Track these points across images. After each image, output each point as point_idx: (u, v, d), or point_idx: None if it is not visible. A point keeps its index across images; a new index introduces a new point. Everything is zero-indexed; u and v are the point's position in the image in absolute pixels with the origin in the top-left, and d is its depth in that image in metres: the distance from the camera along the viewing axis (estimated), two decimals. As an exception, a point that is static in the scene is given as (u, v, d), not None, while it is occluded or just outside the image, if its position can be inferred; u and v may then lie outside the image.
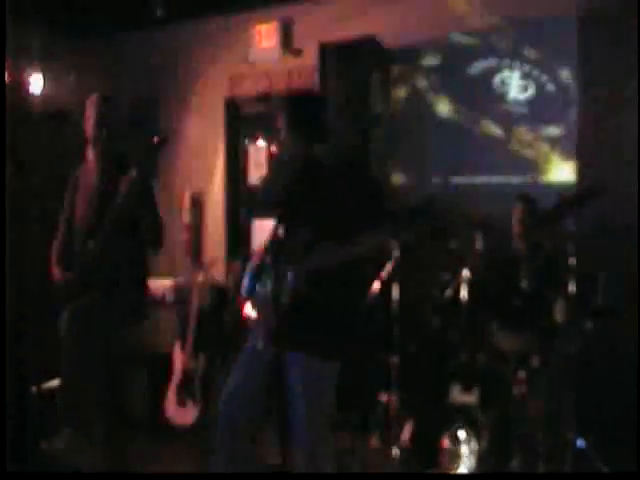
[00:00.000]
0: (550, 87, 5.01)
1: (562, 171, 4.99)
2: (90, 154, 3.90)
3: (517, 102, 5.11)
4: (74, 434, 3.70)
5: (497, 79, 5.14)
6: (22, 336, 4.79)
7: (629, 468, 3.75)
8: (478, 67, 5.14)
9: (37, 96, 5.83)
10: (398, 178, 5.55)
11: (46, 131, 5.75)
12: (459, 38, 5.27)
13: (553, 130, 5.02)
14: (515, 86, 5.09)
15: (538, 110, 5.06)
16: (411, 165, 5.52)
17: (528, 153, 5.09)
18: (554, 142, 5.01)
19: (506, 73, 5.11)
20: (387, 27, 5.49)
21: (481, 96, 5.22)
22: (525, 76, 5.04)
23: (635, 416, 3.96)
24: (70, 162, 4.18)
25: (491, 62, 5.11)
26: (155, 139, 3.60)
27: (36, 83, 5.86)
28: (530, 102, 5.08)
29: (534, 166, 5.08)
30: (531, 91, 5.04)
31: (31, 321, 4.83)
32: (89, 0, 5.72)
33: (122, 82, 6.36)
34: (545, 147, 5.05)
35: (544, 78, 5.01)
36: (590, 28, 4.77)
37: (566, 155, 4.97)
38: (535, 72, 5.03)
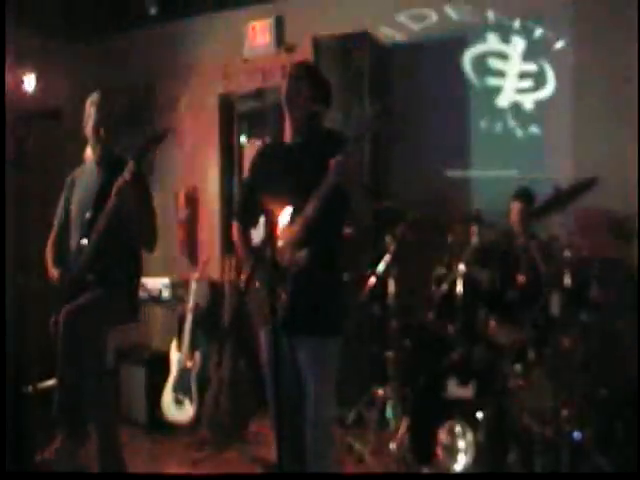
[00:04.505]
0: (546, 80, 5.01)
1: (558, 164, 4.99)
2: (89, 154, 3.87)
3: (514, 94, 5.12)
4: (69, 434, 3.68)
5: (494, 69, 5.13)
6: (20, 336, 4.79)
7: (628, 466, 3.74)
8: (475, 54, 5.06)
9: (31, 96, 5.83)
10: (395, 172, 5.54)
11: (41, 131, 5.75)
12: (456, 28, 5.26)
13: (550, 123, 5.02)
14: (512, 75, 5.08)
15: (535, 102, 5.05)
16: (408, 159, 5.51)
17: (525, 146, 5.09)
18: (551, 135, 5.01)
19: (502, 63, 5.11)
20: (380, 22, 5.50)
21: (478, 87, 5.22)
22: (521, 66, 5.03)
23: (635, 412, 3.95)
24: (66, 162, 4.16)
25: (487, 48, 5.03)
26: (153, 134, 3.57)
27: (30, 83, 5.85)
28: (527, 94, 5.08)
29: (531, 159, 5.08)
30: (528, 82, 5.04)
31: (29, 321, 4.83)
32: (83, -1, 5.74)
33: (116, 80, 6.34)
34: (541, 140, 5.05)
35: (541, 69, 5.00)
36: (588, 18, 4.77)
37: (562, 148, 4.97)
38: (532, 63, 5.02)
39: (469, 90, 4.94)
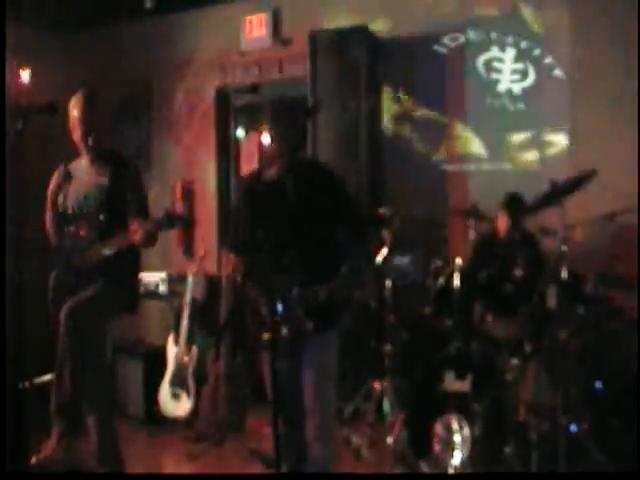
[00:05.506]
0: (543, 76, 5.05)
1: (554, 159, 5.01)
2: (82, 151, 3.85)
3: (509, 89, 5.17)
4: (66, 429, 3.68)
5: (491, 66, 5.26)
6: (17, 332, 4.77)
7: (625, 459, 3.75)
8: (484, 59, 5.33)
9: (25, 89, 5.81)
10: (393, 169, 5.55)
11: (35, 125, 5.72)
12: (453, 27, 5.31)
13: (547, 118, 5.04)
14: (506, 72, 5.16)
15: (530, 96, 5.09)
16: (402, 156, 5.51)
17: (520, 142, 5.11)
18: (548, 131, 5.03)
19: (498, 62, 5.20)
20: (378, 15, 5.49)
21: (474, 84, 5.26)
22: (518, 62, 5.16)
23: (634, 406, 3.95)
24: (61, 155, 4.13)
25: (491, 55, 5.31)
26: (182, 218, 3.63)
27: (24, 76, 5.83)
28: (522, 88, 5.13)
29: (527, 155, 5.10)
30: (516, 76, 5.15)
31: (26, 316, 4.82)
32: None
33: (112, 74, 6.33)
34: (538, 135, 5.07)
35: (537, 66, 5.05)
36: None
37: (559, 143, 4.99)
38: (528, 59, 5.08)
39: (479, 82, 5.35)
